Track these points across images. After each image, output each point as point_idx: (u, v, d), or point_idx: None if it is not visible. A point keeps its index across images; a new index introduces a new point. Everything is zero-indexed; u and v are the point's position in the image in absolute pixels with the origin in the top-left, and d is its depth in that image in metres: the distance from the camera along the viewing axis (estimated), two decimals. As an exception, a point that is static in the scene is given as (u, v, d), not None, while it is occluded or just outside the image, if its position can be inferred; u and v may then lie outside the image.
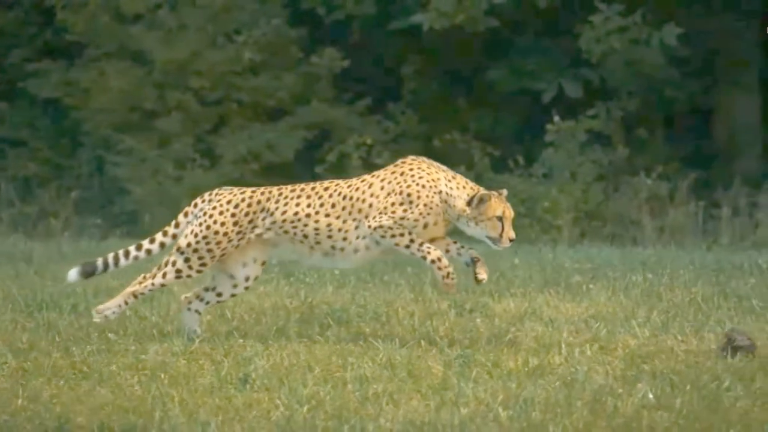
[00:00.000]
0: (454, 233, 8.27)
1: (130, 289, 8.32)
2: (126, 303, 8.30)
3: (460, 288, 10.49)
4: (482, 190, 8.01)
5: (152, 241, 8.37)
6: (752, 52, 20.73)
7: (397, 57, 20.97)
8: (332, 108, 20.27)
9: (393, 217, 7.97)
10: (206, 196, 8.37)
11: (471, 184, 8.07)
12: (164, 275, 8.25)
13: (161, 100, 19.98)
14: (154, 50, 19.81)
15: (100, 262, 8.41)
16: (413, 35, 20.15)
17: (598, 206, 18.95)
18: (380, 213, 8.00)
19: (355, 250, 8.10)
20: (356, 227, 8.08)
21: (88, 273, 8.39)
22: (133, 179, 19.72)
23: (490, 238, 7.99)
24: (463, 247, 8.14)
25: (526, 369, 7.32)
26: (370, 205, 8.06)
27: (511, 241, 8.00)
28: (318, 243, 8.13)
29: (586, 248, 14.66)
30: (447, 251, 8.12)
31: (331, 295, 10.19)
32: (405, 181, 8.03)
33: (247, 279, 8.31)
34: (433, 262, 7.96)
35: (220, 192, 8.35)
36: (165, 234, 8.36)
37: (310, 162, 20.14)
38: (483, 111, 20.82)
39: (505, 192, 8.09)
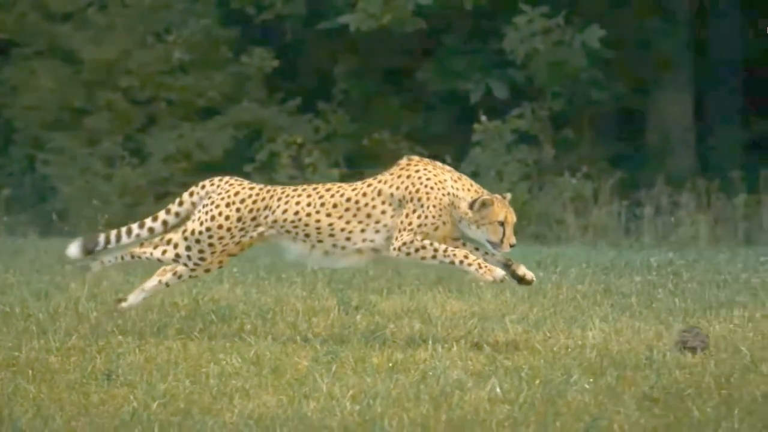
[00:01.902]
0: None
1: (130, 249, 8.39)
2: (122, 258, 8.39)
3: (351, 286, 10.69)
4: (485, 194, 7.98)
5: (155, 219, 8.41)
6: (683, 52, 21.02)
7: (329, 57, 21.16)
8: (262, 107, 20.45)
9: (411, 229, 7.95)
10: (216, 180, 8.35)
11: (476, 186, 8.05)
12: (164, 252, 8.30)
13: (90, 99, 20.12)
14: (83, 49, 19.95)
15: (101, 238, 8.41)
16: (344, 35, 20.34)
17: (523, 205, 19.16)
18: (399, 231, 7.97)
19: (359, 252, 8.11)
20: (362, 230, 8.07)
21: (89, 249, 8.41)
22: (62, 177, 19.83)
23: (490, 242, 7.94)
24: (486, 253, 8.06)
25: (390, 364, 7.50)
26: (383, 212, 8.03)
27: (511, 246, 7.94)
28: (320, 242, 8.13)
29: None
30: None
31: (226, 292, 10.35)
32: (413, 185, 7.97)
33: (220, 261, 8.38)
34: (461, 262, 7.89)
35: (230, 181, 8.31)
36: (168, 212, 8.39)
37: (239, 161, 20.31)
38: (413, 111, 21.06)
39: (508, 196, 8.08)
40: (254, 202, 8.19)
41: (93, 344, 7.99)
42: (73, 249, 8.41)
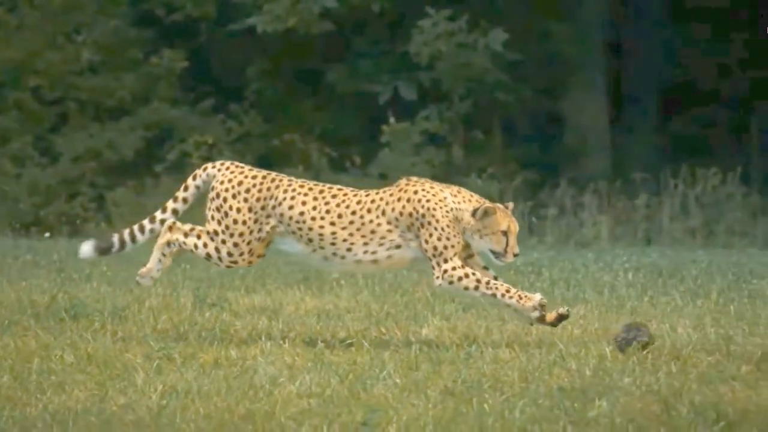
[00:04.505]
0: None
1: (161, 241, 8.29)
2: (163, 255, 8.30)
3: (213, 284, 10.86)
4: (487, 203, 7.97)
5: (164, 210, 8.37)
6: (594, 55, 21.30)
7: (240, 58, 21.34)
8: (173, 108, 20.61)
9: (440, 254, 7.95)
10: (218, 164, 8.31)
11: (476, 197, 8.05)
12: (195, 246, 8.24)
13: (-1, 99, 20.24)
14: (-9, 49, 20.07)
15: (116, 238, 8.36)
16: (256, 37, 20.51)
17: (429, 206, 19.37)
18: (432, 261, 7.95)
19: (358, 262, 8.15)
20: (365, 243, 8.09)
21: (104, 250, 8.37)
22: (-29, 177, 19.93)
23: (493, 252, 7.93)
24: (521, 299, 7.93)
25: (217, 360, 7.67)
26: (389, 230, 8.03)
27: (515, 256, 7.93)
28: (321, 248, 8.17)
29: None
30: None
31: (91, 290, 10.48)
32: (415, 209, 7.97)
33: (250, 262, 8.38)
34: (503, 295, 7.89)
35: (231, 168, 8.25)
36: (176, 200, 8.37)
37: (150, 161, 20.46)
38: (325, 112, 21.27)
39: (511, 205, 8.06)
40: (259, 191, 8.16)
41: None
42: (86, 249, 8.39)
